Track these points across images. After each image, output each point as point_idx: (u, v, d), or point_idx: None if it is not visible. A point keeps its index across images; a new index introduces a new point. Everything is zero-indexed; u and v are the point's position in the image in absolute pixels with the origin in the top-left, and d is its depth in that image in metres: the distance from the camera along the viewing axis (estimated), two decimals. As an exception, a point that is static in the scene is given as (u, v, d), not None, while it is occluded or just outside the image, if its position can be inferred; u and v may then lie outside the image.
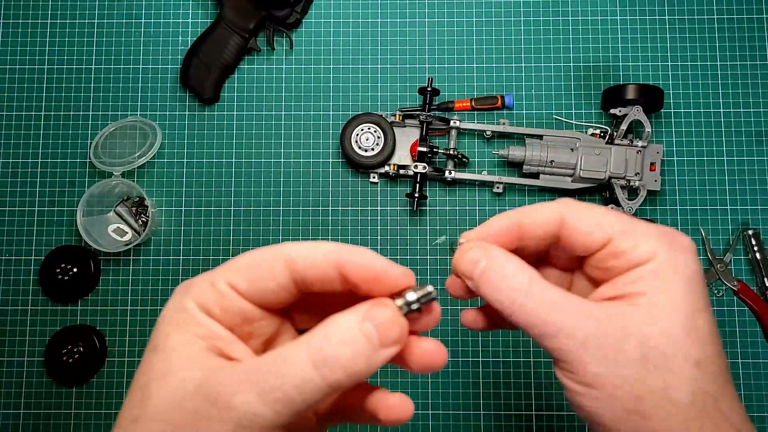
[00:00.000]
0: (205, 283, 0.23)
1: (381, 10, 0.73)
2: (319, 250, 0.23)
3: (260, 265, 0.23)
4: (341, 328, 0.22)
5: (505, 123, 0.70)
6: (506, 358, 0.67)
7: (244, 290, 0.23)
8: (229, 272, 0.23)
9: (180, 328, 0.23)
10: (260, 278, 0.23)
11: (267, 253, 0.24)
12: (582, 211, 0.27)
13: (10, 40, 0.73)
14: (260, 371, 0.21)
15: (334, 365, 0.21)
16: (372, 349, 0.22)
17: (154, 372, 0.22)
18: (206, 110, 0.72)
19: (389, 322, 0.22)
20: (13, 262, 0.70)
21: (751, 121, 0.70)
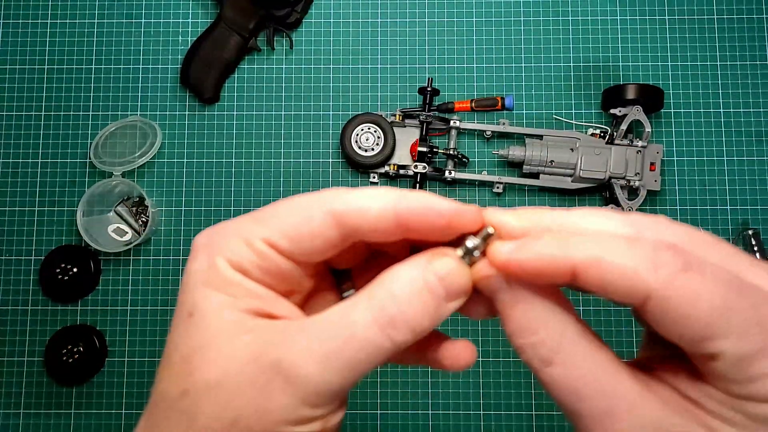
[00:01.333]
0: (237, 239, 0.21)
1: (381, 10, 0.73)
2: (373, 203, 0.20)
3: (305, 222, 0.20)
4: (404, 285, 0.20)
5: (505, 123, 0.70)
6: (506, 358, 0.67)
7: (285, 249, 0.21)
8: (266, 228, 0.21)
9: (217, 291, 0.20)
10: (305, 236, 0.20)
11: (310, 205, 0.20)
12: (689, 297, 0.17)
13: (10, 40, 0.73)
14: (322, 336, 0.19)
15: (400, 325, 0.19)
16: (438, 304, 0.20)
17: (195, 340, 0.20)
18: (206, 110, 0.72)
19: (454, 274, 0.20)
20: (13, 262, 0.70)
21: (751, 121, 0.70)
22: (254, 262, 0.21)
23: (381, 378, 0.67)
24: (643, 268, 0.17)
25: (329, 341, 0.19)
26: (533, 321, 0.19)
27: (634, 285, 0.17)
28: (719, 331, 0.16)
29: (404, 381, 0.67)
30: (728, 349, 0.17)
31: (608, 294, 0.18)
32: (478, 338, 0.68)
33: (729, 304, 0.16)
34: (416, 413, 0.67)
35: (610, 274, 0.18)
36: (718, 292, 0.16)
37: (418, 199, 0.20)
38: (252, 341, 0.20)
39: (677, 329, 0.17)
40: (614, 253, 0.18)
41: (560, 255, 0.18)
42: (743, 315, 0.16)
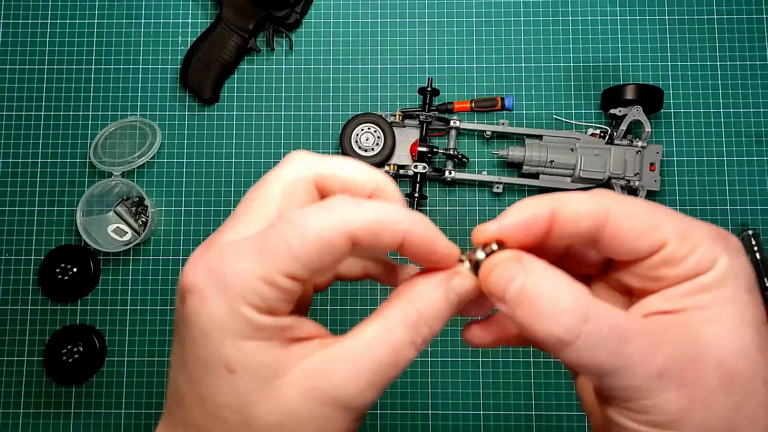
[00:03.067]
0: (256, 281, 0.20)
1: (381, 10, 0.73)
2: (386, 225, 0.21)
3: (325, 249, 0.20)
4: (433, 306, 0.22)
5: (505, 123, 0.70)
6: (506, 358, 0.67)
7: (305, 276, 0.21)
8: (289, 263, 0.20)
9: (251, 340, 0.20)
10: (325, 263, 0.21)
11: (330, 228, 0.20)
12: (630, 207, 0.22)
13: (10, 40, 0.73)
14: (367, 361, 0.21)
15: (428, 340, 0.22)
16: (453, 312, 0.23)
17: (247, 395, 0.21)
18: (206, 110, 0.72)
19: (467, 288, 0.23)
20: (13, 262, 0.70)
21: (751, 121, 0.70)
22: (279, 298, 0.21)
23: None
24: (597, 199, 0.22)
25: (375, 366, 0.21)
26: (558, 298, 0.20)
27: (596, 210, 0.22)
28: (656, 221, 0.22)
29: (404, 381, 0.67)
30: (669, 231, 0.22)
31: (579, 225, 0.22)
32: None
33: (655, 206, 0.23)
34: (416, 413, 0.67)
35: (580, 210, 0.22)
36: (647, 203, 0.23)
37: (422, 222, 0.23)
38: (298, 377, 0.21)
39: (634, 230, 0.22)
40: (580, 196, 0.23)
41: (540, 206, 0.22)
42: (665, 212, 0.22)
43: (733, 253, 0.22)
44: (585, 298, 0.20)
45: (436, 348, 0.68)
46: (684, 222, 0.22)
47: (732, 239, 0.23)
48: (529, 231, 0.22)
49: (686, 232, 0.22)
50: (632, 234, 0.22)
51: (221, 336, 0.20)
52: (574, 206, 0.22)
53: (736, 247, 0.22)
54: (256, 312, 0.20)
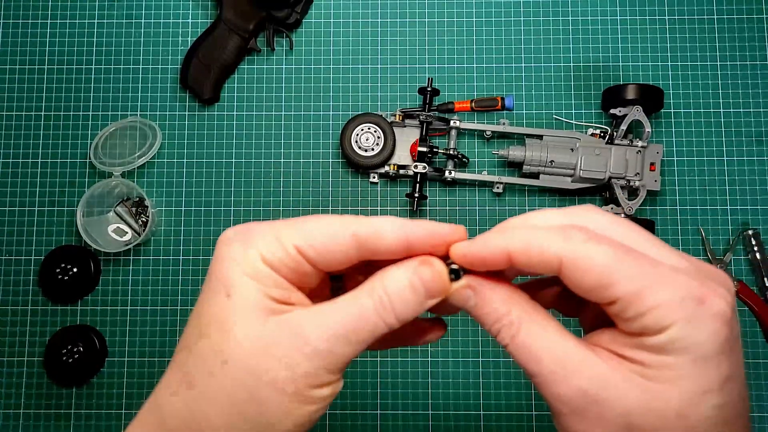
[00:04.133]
0: (272, 237, 0.25)
1: (381, 10, 0.73)
2: (388, 230, 0.25)
3: (332, 239, 0.25)
4: (397, 283, 0.25)
5: (505, 123, 0.70)
6: (506, 358, 0.67)
7: (310, 257, 0.25)
8: (299, 235, 0.25)
9: (251, 278, 0.25)
10: (329, 251, 0.25)
11: (337, 226, 0.25)
12: (586, 260, 0.23)
13: (10, 40, 0.73)
14: (338, 317, 0.24)
15: (391, 312, 0.25)
16: (419, 300, 0.25)
17: (233, 313, 0.24)
18: (206, 110, 0.72)
19: (434, 279, 0.25)
20: (13, 262, 0.70)
21: (751, 121, 0.70)
22: (283, 260, 0.25)
23: (381, 378, 0.67)
24: (555, 243, 0.23)
25: (344, 320, 0.24)
26: (501, 308, 0.25)
27: (548, 256, 0.23)
28: (612, 278, 0.22)
29: (404, 381, 0.67)
30: (620, 291, 0.22)
31: (533, 267, 0.24)
32: (477, 338, 0.68)
33: (618, 260, 0.22)
34: (416, 413, 0.67)
35: (532, 252, 0.24)
36: (610, 253, 0.22)
37: (418, 226, 0.26)
38: (281, 321, 0.24)
39: (585, 283, 0.23)
40: (535, 237, 0.24)
41: (499, 243, 0.24)
42: (628, 267, 0.22)
43: (697, 320, 0.22)
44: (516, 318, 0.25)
45: (436, 348, 0.68)
46: (647, 282, 0.22)
47: (711, 304, 0.22)
48: (487, 265, 0.25)
49: (640, 296, 0.22)
50: (583, 286, 0.23)
51: (230, 266, 0.25)
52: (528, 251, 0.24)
53: (711, 314, 0.22)
54: (260, 259, 0.25)
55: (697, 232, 0.69)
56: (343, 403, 0.67)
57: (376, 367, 0.68)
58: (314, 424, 0.25)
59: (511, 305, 0.25)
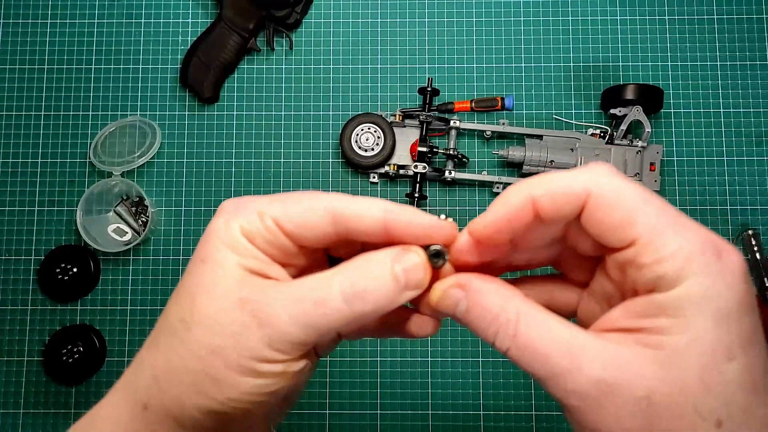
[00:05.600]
0: (254, 212, 0.25)
1: (381, 10, 0.73)
2: (368, 212, 0.24)
3: (308, 214, 0.25)
4: (373, 268, 0.24)
5: (505, 123, 0.70)
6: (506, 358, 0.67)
7: (288, 231, 0.25)
8: (279, 209, 0.25)
9: (227, 247, 0.25)
10: (307, 226, 0.25)
11: (317, 203, 0.25)
12: (613, 192, 0.21)
13: (10, 40, 0.73)
14: (296, 296, 0.24)
15: (363, 301, 0.23)
16: (398, 290, 0.24)
17: (202, 282, 0.25)
18: (206, 110, 0.72)
19: (417, 268, 0.24)
20: (12, 262, 0.70)
21: (751, 121, 0.70)
22: (261, 233, 0.25)
23: (381, 378, 0.67)
24: (582, 177, 0.22)
25: (300, 301, 0.23)
26: (493, 308, 0.23)
27: (576, 191, 0.22)
28: (637, 217, 0.21)
29: (404, 381, 0.67)
30: (642, 230, 0.21)
31: (558, 211, 0.22)
32: (477, 338, 0.68)
33: (644, 200, 0.21)
34: (416, 413, 0.67)
35: (557, 191, 0.22)
36: (638, 190, 0.22)
37: (404, 212, 0.24)
38: (244, 290, 0.24)
39: (610, 219, 0.21)
40: (559, 177, 0.23)
41: (522, 192, 0.23)
42: (653, 208, 0.21)
43: (716, 271, 0.20)
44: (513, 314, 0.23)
45: (436, 348, 0.68)
46: (668, 223, 0.21)
47: (729, 259, 0.21)
48: (517, 220, 0.23)
49: (661, 239, 0.21)
50: (605, 222, 0.22)
51: (212, 238, 0.25)
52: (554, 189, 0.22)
53: (728, 265, 0.20)
54: (239, 230, 0.25)
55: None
56: (343, 403, 0.67)
57: (376, 367, 0.68)
58: (277, 398, 0.25)
59: (507, 299, 0.23)
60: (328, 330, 0.24)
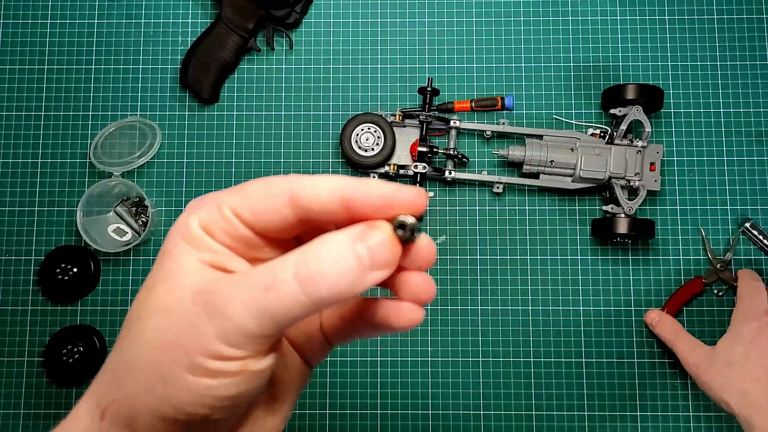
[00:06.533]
0: (213, 204, 0.24)
1: (381, 10, 0.73)
2: (324, 186, 0.23)
3: (265, 199, 0.23)
4: (332, 247, 0.21)
5: (505, 123, 0.70)
6: (506, 358, 0.67)
7: (247, 220, 0.23)
8: (236, 199, 0.24)
9: (185, 241, 0.24)
10: (264, 211, 0.23)
11: (274, 186, 0.23)
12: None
13: (10, 40, 0.73)
14: (248, 283, 0.22)
15: (320, 283, 0.21)
16: (361, 271, 0.21)
17: (159, 277, 0.23)
18: (206, 110, 0.72)
19: (382, 244, 0.22)
20: (12, 262, 0.70)
21: (751, 121, 0.70)
22: (220, 224, 0.23)
23: (381, 378, 0.67)
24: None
25: (252, 287, 0.21)
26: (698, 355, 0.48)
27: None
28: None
29: (404, 381, 0.67)
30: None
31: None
32: (478, 338, 0.68)
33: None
34: (416, 413, 0.67)
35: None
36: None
37: (363, 184, 0.23)
38: (199, 282, 0.23)
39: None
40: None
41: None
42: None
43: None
44: (674, 334, 0.50)
45: (436, 348, 0.68)
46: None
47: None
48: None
49: None
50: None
51: (171, 233, 0.24)
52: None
53: None
54: (197, 224, 0.24)
55: (697, 232, 0.69)
56: (343, 403, 0.67)
57: (376, 367, 0.68)
58: (239, 404, 0.23)
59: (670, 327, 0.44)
60: (286, 318, 0.21)
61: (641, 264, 0.69)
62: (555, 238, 0.69)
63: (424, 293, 0.24)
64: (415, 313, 0.25)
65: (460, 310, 0.68)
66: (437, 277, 0.69)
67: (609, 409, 0.66)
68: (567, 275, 0.69)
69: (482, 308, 0.68)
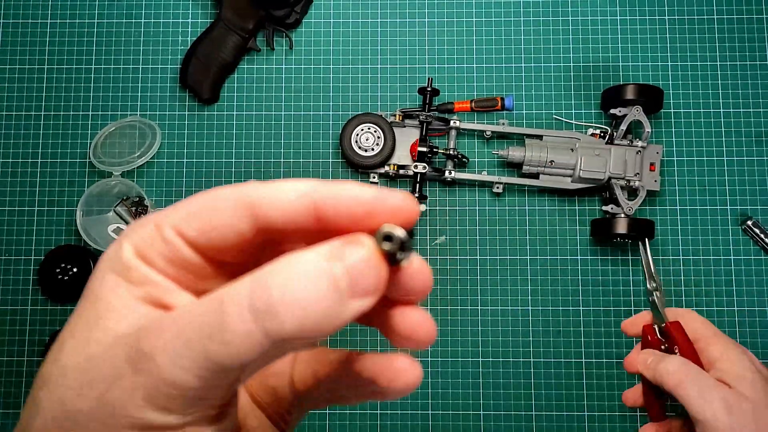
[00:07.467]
0: (150, 225, 0.18)
1: (381, 10, 0.73)
2: (288, 190, 0.18)
3: (214, 211, 0.18)
4: (299, 268, 0.16)
5: (505, 123, 0.70)
6: (506, 358, 0.67)
7: (193, 239, 0.18)
8: (178, 215, 0.18)
9: (115, 274, 0.18)
10: (214, 227, 0.18)
11: (224, 194, 0.18)
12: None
13: (10, 40, 0.73)
14: (185, 321, 0.16)
15: (283, 317, 0.15)
16: (338, 299, 0.16)
17: (76, 325, 0.18)
18: (206, 110, 0.72)
19: (364, 264, 0.16)
20: (12, 262, 0.70)
21: (751, 121, 0.70)
22: (159, 249, 0.18)
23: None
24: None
25: (191, 327, 0.16)
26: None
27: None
28: None
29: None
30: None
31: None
32: (478, 338, 0.68)
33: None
34: (416, 413, 0.67)
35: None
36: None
37: (337, 186, 0.17)
38: (126, 328, 0.17)
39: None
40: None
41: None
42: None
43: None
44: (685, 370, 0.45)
45: (436, 348, 0.68)
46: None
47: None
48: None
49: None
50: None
51: (98, 266, 0.19)
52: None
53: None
54: (131, 251, 0.18)
55: (696, 232, 0.69)
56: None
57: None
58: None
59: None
60: (237, 367, 0.16)
61: (641, 264, 0.69)
62: (555, 239, 0.69)
63: (422, 333, 0.19)
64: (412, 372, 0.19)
65: (460, 311, 0.68)
66: (437, 277, 0.69)
67: (609, 409, 0.66)
68: (567, 275, 0.69)
69: (482, 308, 0.68)
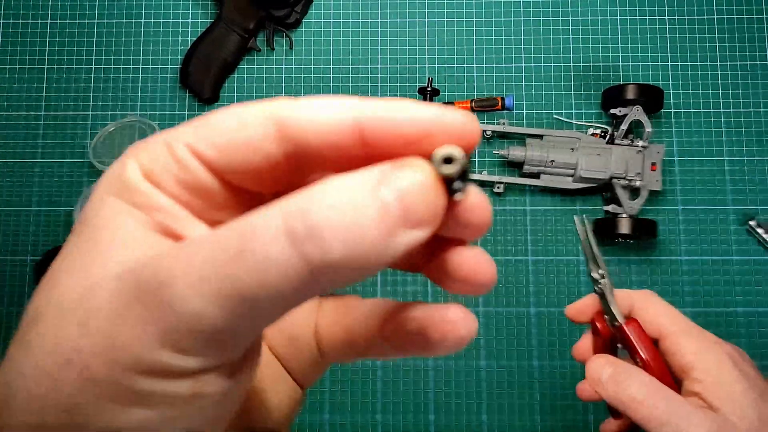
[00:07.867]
0: (160, 144, 0.16)
1: (381, 10, 0.73)
2: (328, 106, 0.15)
3: (240, 127, 0.15)
4: (343, 190, 0.13)
5: (505, 123, 0.70)
6: (507, 359, 0.67)
7: (211, 160, 0.16)
8: (194, 133, 0.16)
9: (117, 198, 0.16)
10: (238, 145, 0.15)
11: (251, 110, 0.15)
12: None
13: (10, 40, 0.73)
14: (208, 249, 0.13)
15: (327, 241, 0.12)
16: (388, 228, 0.13)
17: (72, 255, 0.15)
18: (206, 110, 0.72)
19: (420, 189, 0.13)
20: (9, 262, 0.69)
21: (752, 120, 0.70)
22: (171, 170, 0.16)
23: (381, 378, 0.67)
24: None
25: (215, 255, 0.13)
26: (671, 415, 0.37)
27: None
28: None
29: (405, 380, 0.67)
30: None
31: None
32: (478, 338, 0.67)
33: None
34: (416, 413, 0.66)
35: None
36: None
37: (387, 105, 0.15)
38: (133, 259, 0.14)
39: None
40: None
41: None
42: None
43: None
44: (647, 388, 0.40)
45: (436, 348, 0.67)
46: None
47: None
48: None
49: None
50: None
51: (100, 189, 0.16)
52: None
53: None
54: (138, 171, 0.16)
55: (696, 232, 0.69)
56: (343, 403, 0.67)
57: (376, 366, 0.67)
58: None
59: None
60: (269, 301, 0.13)
61: (643, 264, 0.68)
62: (556, 238, 0.69)
63: (483, 274, 0.16)
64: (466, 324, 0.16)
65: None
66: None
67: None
68: (568, 275, 0.68)
69: (482, 309, 0.68)
